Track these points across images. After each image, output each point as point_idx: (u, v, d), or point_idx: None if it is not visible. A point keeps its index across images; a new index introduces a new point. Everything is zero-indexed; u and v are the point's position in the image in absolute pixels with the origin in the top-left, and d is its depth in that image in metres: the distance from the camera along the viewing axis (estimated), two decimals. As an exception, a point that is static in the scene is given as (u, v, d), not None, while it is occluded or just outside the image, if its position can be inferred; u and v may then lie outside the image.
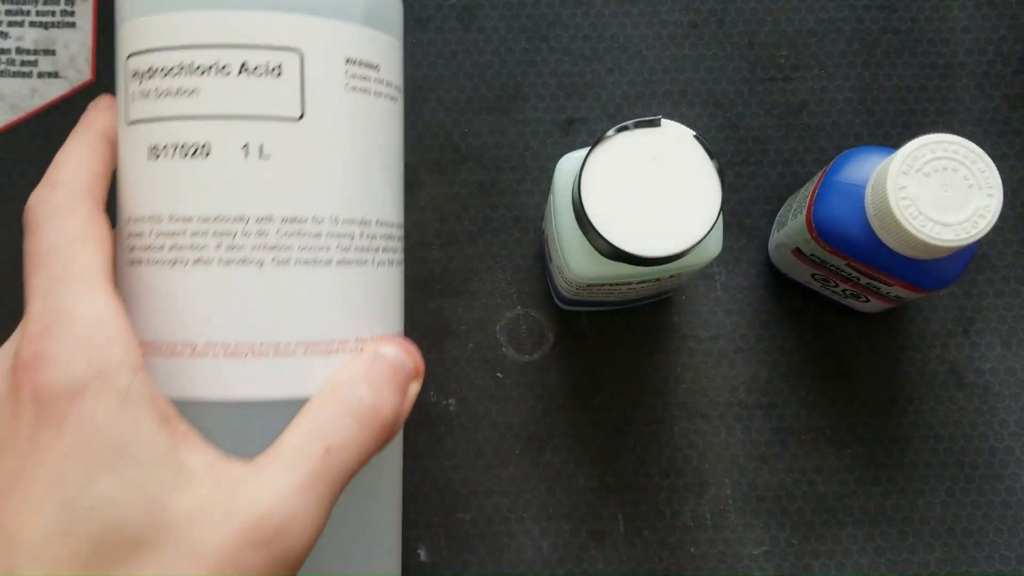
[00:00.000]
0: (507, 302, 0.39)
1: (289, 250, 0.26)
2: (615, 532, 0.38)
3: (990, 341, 0.39)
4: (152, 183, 0.27)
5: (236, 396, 0.26)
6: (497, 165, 0.40)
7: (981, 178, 0.30)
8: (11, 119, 0.39)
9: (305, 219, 0.26)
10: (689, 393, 0.39)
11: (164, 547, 0.23)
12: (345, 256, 0.27)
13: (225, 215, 0.26)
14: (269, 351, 0.26)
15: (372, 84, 0.28)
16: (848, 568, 0.38)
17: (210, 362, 0.26)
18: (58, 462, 0.23)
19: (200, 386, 0.26)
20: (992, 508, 0.38)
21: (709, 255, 0.31)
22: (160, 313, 0.27)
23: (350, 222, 0.27)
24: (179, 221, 0.26)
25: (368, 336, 0.28)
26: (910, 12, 0.41)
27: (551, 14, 0.40)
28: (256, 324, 0.26)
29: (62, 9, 0.40)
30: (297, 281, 0.26)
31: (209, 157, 0.26)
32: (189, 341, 0.26)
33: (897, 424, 0.39)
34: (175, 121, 0.26)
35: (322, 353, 0.27)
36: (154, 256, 0.27)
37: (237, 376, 0.26)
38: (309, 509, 0.24)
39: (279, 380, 0.26)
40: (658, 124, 0.29)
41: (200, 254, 0.26)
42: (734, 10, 0.41)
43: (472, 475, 0.38)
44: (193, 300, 0.26)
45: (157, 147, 0.26)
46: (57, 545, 0.23)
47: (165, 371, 0.26)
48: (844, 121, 0.40)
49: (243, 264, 0.26)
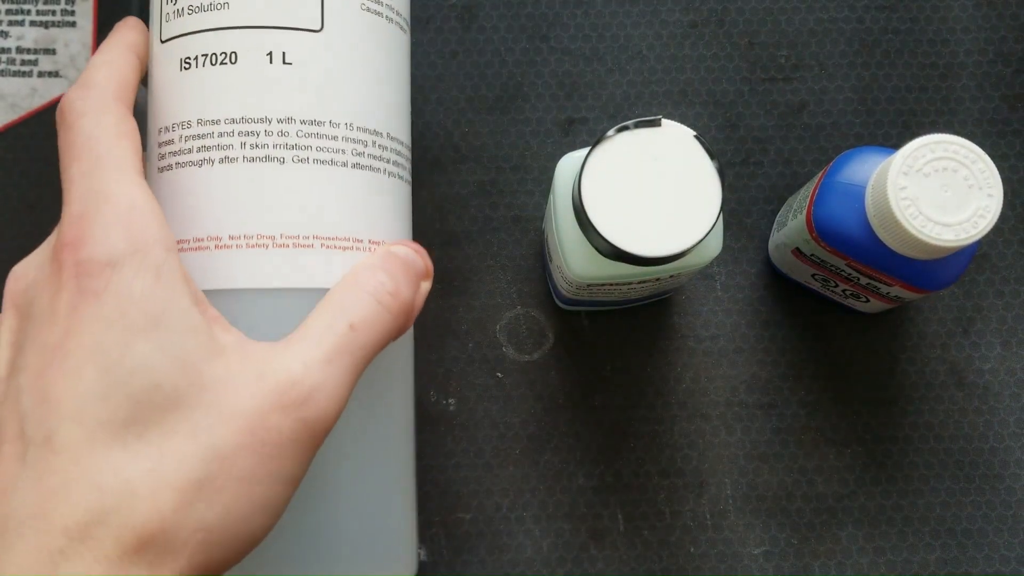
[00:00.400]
0: (507, 302, 0.39)
1: (308, 150, 0.28)
2: (615, 532, 0.38)
3: (990, 341, 0.39)
4: (182, 92, 0.29)
5: (257, 284, 0.28)
6: (497, 165, 0.40)
7: (981, 178, 0.30)
8: (11, 119, 0.39)
9: (323, 122, 0.29)
10: (689, 393, 0.39)
11: (198, 408, 0.24)
12: (359, 161, 0.29)
13: (250, 116, 0.28)
14: (289, 243, 0.28)
15: (384, 9, 0.31)
16: (848, 568, 0.38)
17: (234, 253, 0.28)
18: (99, 330, 0.24)
19: (224, 276, 0.28)
20: (992, 508, 0.38)
21: (709, 255, 0.31)
22: (188, 211, 0.29)
23: (363, 130, 0.29)
24: (207, 124, 0.29)
25: (380, 239, 0.30)
26: (910, 12, 0.41)
27: (551, 14, 0.40)
28: (277, 217, 0.28)
29: (62, 8, 0.40)
30: (315, 178, 0.29)
31: (236, 64, 0.28)
32: (214, 235, 0.28)
33: (897, 424, 0.39)
34: (206, 33, 0.29)
35: (338, 248, 0.29)
36: (183, 159, 0.29)
37: (258, 266, 0.28)
38: (336, 380, 0.26)
39: (298, 270, 0.28)
40: (658, 124, 0.29)
41: (226, 153, 0.28)
42: (734, 10, 0.41)
43: (472, 475, 0.38)
44: (219, 196, 0.28)
45: (188, 58, 0.29)
46: (99, 407, 0.24)
47: (192, 265, 0.28)
48: (844, 121, 0.40)
49: (266, 161, 0.28)
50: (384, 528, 0.31)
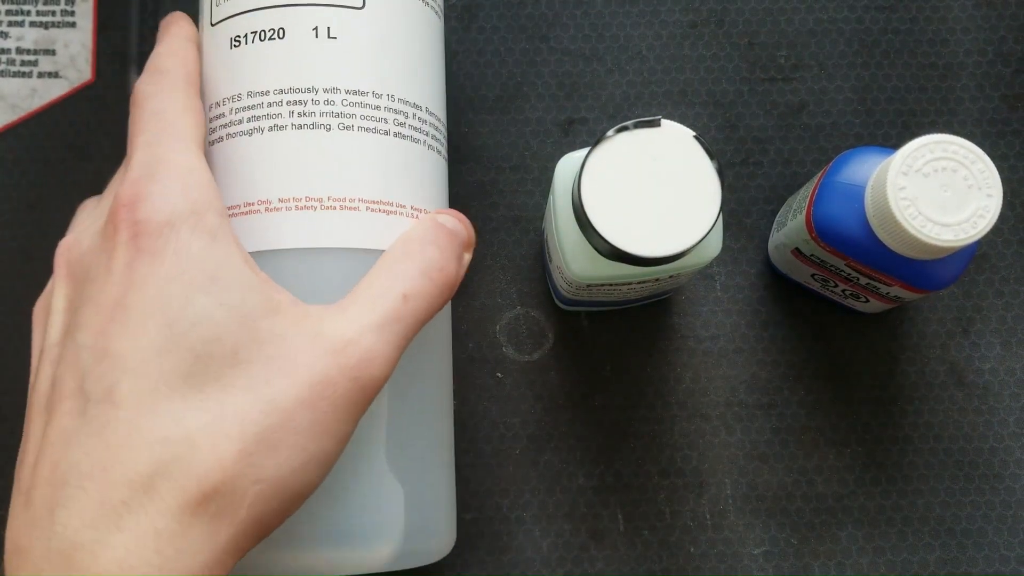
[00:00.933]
0: (507, 302, 0.39)
1: (352, 118, 0.30)
2: (615, 532, 0.38)
3: (990, 341, 0.39)
4: (232, 68, 0.31)
5: (307, 244, 0.29)
6: (497, 165, 0.40)
7: (981, 178, 0.30)
8: (11, 119, 0.39)
9: (366, 92, 0.30)
10: (689, 393, 0.39)
11: (257, 362, 0.25)
12: (401, 131, 0.31)
13: (298, 86, 0.30)
14: (336, 204, 0.29)
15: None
16: (848, 568, 0.38)
17: (283, 215, 0.29)
18: (159, 286, 0.25)
19: (275, 237, 0.29)
20: (992, 508, 0.38)
21: (709, 255, 0.31)
22: (238, 178, 0.30)
23: (404, 102, 0.31)
24: (257, 95, 0.30)
25: (423, 207, 0.31)
26: (910, 12, 0.41)
27: (551, 14, 0.40)
28: (324, 180, 0.29)
29: (62, 9, 0.40)
30: (360, 145, 0.30)
31: (284, 39, 0.30)
32: (264, 199, 0.29)
33: (897, 424, 0.39)
34: (256, 12, 0.30)
35: (382, 212, 0.30)
36: (233, 130, 0.30)
37: (307, 227, 0.29)
38: (387, 344, 0.27)
39: (345, 231, 0.29)
40: (658, 124, 0.29)
41: (275, 121, 0.30)
42: (734, 10, 0.41)
43: (472, 475, 0.38)
44: (268, 162, 0.30)
45: (239, 36, 0.31)
46: (161, 361, 0.24)
47: (243, 227, 0.30)
48: (844, 121, 0.40)
49: (313, 128, 0.30)
50: (424, 500, 0.31)
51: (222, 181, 0.30)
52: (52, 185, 0.39)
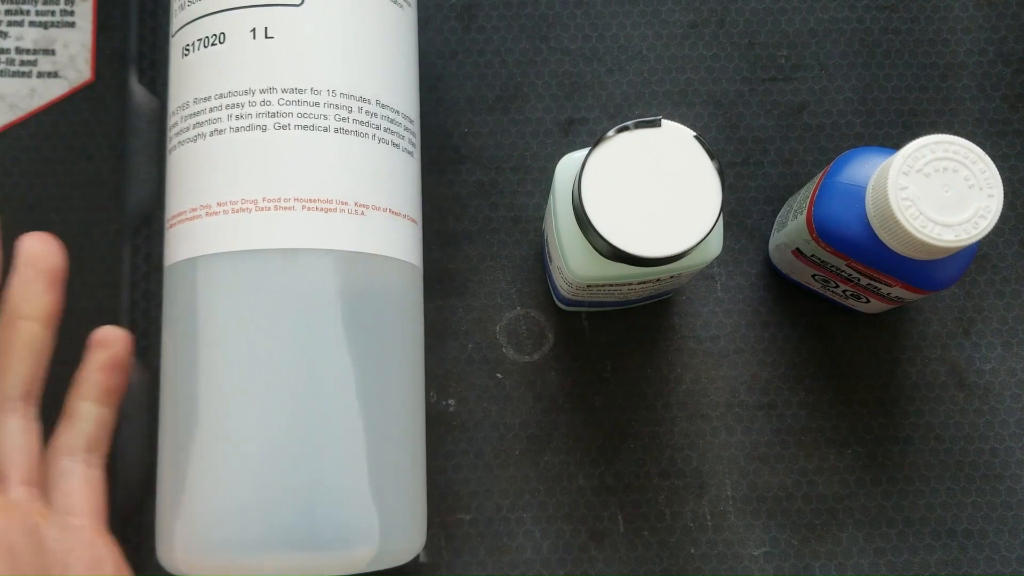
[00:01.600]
0: (507, 302, 0.39)
1: (289, 116, 0.30)
2: (615, 532, 0.38)
3: (990, 342, 0.39)
4: (182, 77, 0.31)
5: (241, 247, 0.29)
6: (497, 165, 0.40)
7: (982, 179, 0.30)
8: (11, 119, 0.39)
9: (303, 89, 0.30)
10: (689, 393, 0.39)
11: None
12: (343, 126, 0.30)
13: (236, 89, 0.30)
14: (270, 205, 0.29)
15: None
16: (848, 569, 0.38)
17: (221, 219, 0.30)
18: None
19: (212, 242, 0.30)
20: (992, 509, 0.38)
21: (709, 255, 0.31)
22: (184, 185, 0.31)
23: (348, 96, 0.31)
24: (201, 101, 0.31)
25: (370, 203, 0.31)
26: (910, 12, 0.41)
27: (551, 14, 0.40)
28: (259, 182, 0.30)
29: (62, 9, 0.40)
30: (296, 143, 0.30)
31: (224, 43, 0.30)
32: (205, 203, 0.30)
33: (897, 424, 0.39)
34: (202, 19, 0.31)
35: (319, 210, 0.30)
36: (184, 137, 0.31)
37: (241, 229, 0.29)
38: None
39: (278, 231, 0.29)
40: (658, 124, 0.29)
41: (215, 126, 0.30)
42: (734, 10, 0.41)
43: (472, 475, 0.38)
44: (208, 167, 0.30)
45: (188, 45, 0.31)
46: None
47: (185, 235, 0.30)
48: (844, 121, 0.40)
49: (249, 130, 0.30)
50: (393, 506, 0.31)
51: (175, 188, 0.31)
52: (52, 185, 0.39)
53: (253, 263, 0.29)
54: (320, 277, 0.30)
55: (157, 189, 0.39)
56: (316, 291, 0.30)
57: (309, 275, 0.30)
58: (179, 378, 0.31)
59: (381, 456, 0.31)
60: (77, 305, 0.38)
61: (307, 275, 0.30)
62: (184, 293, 0.31)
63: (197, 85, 0.31)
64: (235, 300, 0.29)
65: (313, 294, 0.30)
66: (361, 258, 0.31)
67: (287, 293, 0.29)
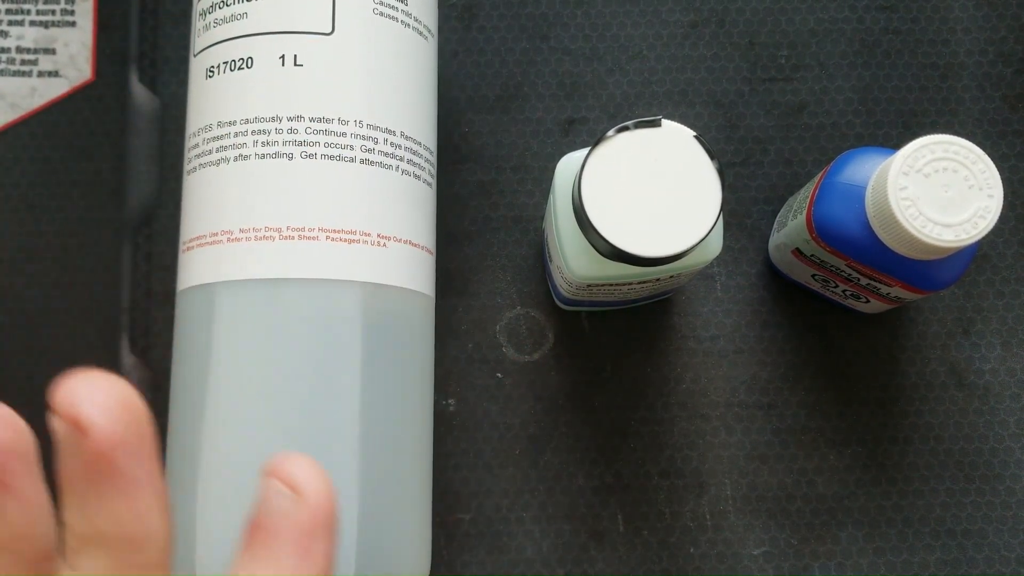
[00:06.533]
0: (507, 302, 0.39)
1: (316, 146, 0.30)
2: (615, 532, 0.38)
3: (990, 342, 0.39)
4: (206, 98, 0.31)
5: (263, 275, 0.29)
6: (497, 165, 0.40)
7: (981, 179, 0.30)
8: (11, 118, 0.39)
9: (332, 119, 0.30)
10: (689, 393, 0.39)
11: None
12: (368, 157, 0.30)
13: (262, 115, 0.30)
14: (295, 234, 0.29)
15: (399, 14, 0.32)
16: (848, 569, 0.38)
17: (243, 246, 0.29)
18: None
19: (232, 268, 0.29)
20: (992, 508, 0.38)
21: (709, 255, 0.31)
22: (206, 208, 0.30)
23: (374, 128, 0.30)
24: (225, 125, 0.30)
25: (391, 235, 0.30)
26: (910, 12, 0.41)
27: (551, 14, 0.40)
28: (283, 210, 0.29)
29: (62, 8, 0.40)
30: (322, 173, 0.30)
31: (252, 68, 0.30)
32: (227, 229, 0.30)
33: (897, 424, 0.39)
34: (228, 42, 0.31)
35: (343, 241, 0.30)
36: (205, 159, 0.31)
37: (264, 257, 0.29)
38: None
39: (302, 261, 0.29)
40: (658, 124, 0.29)
41: (240, 151, 0.30)
42: (734, 10, 0.41)
43: (472, 475, 0.38)
44: (231, 192, 0.30)
45: (212, 67, 0.31)
46: None
47: (202, 259, 0.30)
48: (844, 121, 0.40)
49: (275, 157, 0.30)
50: (398, 526, 0.31)
51: (191, 212, 0.31)
52: (52, 185, 0.39)
53: (273, 291, 0.29)
54: (341, 308, 0.30)
55: (157, 189, 0.39)
56: (336, 322, 0.29)
57: (330, 305, 0.29)
58: (190, 403, 0.30)
59: (393, 488, 0.30)
60: (77, 305, 0.38)
61: (328, 305, 0.29)
62: (199, 318, 0.30)
63: (222, 108, 0.30)
64: (253, 328, 0.29)
65: (333, 325, 0.29)
66: (381, 290, 0.30)
67: (306, 323, 0.29)
